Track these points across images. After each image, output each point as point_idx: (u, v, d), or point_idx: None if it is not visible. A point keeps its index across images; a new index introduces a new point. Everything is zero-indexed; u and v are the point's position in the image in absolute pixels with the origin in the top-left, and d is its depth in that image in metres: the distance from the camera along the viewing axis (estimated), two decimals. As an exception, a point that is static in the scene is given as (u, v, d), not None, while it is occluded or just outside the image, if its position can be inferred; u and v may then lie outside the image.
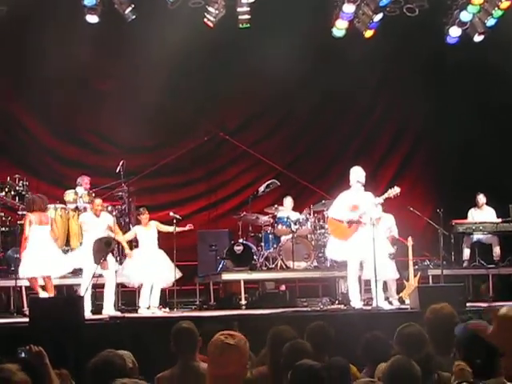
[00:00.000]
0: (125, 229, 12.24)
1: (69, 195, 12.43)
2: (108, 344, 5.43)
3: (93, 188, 12.70)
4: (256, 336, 5.64)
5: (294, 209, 13.25)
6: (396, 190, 10.42)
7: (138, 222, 11.67)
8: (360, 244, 10.36)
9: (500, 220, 13.16)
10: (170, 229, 11.65)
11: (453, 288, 10.12)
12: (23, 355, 4.45)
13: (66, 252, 11.95)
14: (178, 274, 11.52)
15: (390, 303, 11.08)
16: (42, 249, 10.47)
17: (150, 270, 11.17)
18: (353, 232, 10.47)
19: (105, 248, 10.27)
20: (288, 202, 13.26)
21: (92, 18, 12.73)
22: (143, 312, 11.08)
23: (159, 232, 11.56)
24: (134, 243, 11.95)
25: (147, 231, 11.47)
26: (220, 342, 3.80)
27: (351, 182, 10.62)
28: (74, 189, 12.52)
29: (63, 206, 12.31)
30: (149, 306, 11.21)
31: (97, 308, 10.79)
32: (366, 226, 10.35)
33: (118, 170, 12.72)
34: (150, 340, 8.12)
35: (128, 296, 12.22)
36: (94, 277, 10.34)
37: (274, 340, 4.96)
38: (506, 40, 13.64)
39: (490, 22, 13.56)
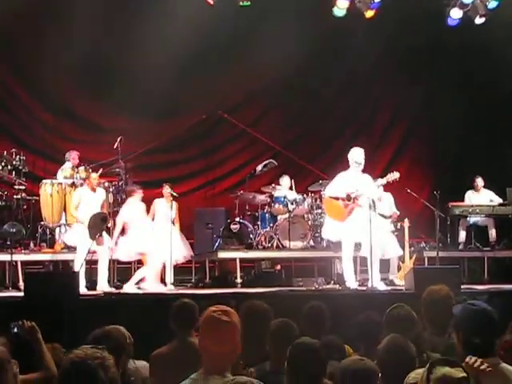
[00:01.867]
0: (121, 205, 12.23)
1: (66, 171, 12.41)
2: (102, 320, 5.44)
3: (89, 163, 12.66)
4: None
5: (292, 188, 13.25)
6: (395, 175, 10.38)
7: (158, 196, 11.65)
8: (356, 225, 10.34)
9: (497, 203, 13.17)
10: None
11: (448, 270, 10.11)
12: (16, 330, 4.47)
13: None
14: (190, 253, 11.60)
15: (392, 282, 11.13)
16: None
17: (163, 247, 11.14)
18: (348, 213, 10.43)
19: (100, 224, 10.24)
20: (285, 181, 13.24)
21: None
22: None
23: None
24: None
25: (167, 207, 11.46)
26: (214, 319, 3.78)
27: (350, 163, 10.60)
28: (63, 164, 12.54)
29: (60, 181, 12.29)
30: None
31: (92, 284, 10.79)
32: (362, 207, 10.33)
33: (115, 146, 12.69)
34: (144, 317, 8.14)
35: (124, 272, 12.22)
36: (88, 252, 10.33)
37: (247, 315, 4.94)
38: (507, 23, 13.59)
39: (492, 4, 13.49)
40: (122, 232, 11.13)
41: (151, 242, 11.06)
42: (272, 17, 13.33)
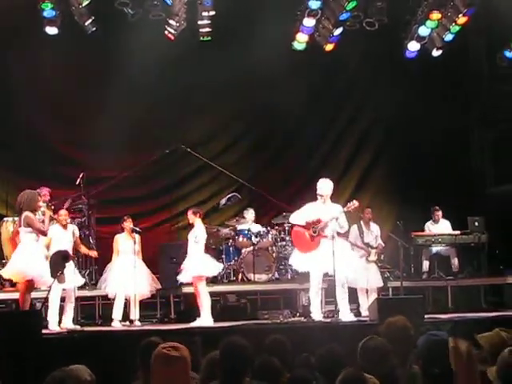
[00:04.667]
0: (84, 241, 12.14)
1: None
2: (66, 359, 5.38)
3: (52, 200, 12.55)
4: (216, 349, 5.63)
5: (256, 221, 13.26)
6: (354, 204, 10.54)
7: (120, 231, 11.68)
8: (324, 256, 10.40)
9: (458, 232, 13.31)
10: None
11: (412, 300, 10.20)
12: None
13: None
14: (157, 286, 11.58)
15: (359, 314, 11.24)
16: None
17: (127, 282, 11.14)
18: (316, 245, 10.51)
19: (61, 262, 10.13)
20: (249, 214, 13.27)
21: (51, 30, 12.67)
22: (116, 325, 10.99)
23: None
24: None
25: (129, 240, 11.44)
26: (164, 354, 3.78)
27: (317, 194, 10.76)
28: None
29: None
30: (126, 320, 11.18)
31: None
32: (328, 238, 10.42)
33: (77, 183, 12.62)
34: (108, 354, 8.07)
35: (88, 310, 12.13)
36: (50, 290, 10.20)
37: (226, 352, 4.90)
38: (463, 54, 13.87)
39: (448, 36, 13.76)
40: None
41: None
42: (233, 49, 13.45)
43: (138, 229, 11.64)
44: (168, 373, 3.72)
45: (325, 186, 10.69)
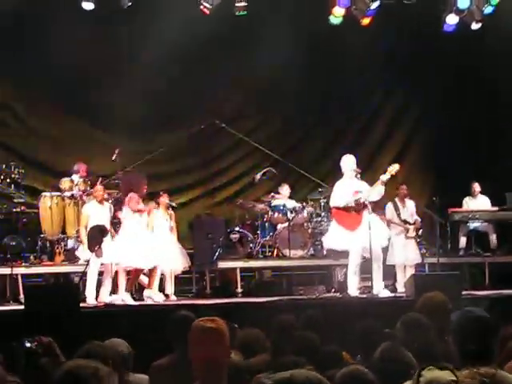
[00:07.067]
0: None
1: (65, 183, 12.38)
2: (104, 332, 5.43)
3: (89, 175, 12.65)
4: (252, 324, 5.67)
5: (291, 197, 13.24)
6: (395, 167, 10.46)
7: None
8: (363, 233, 10.32)
9: (496, 208, 13.17)
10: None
11: (449, 276, 10.14)
12: (28, 345, 4.33)
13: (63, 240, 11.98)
14: (189, 263, 11.67)
15: (395, 290, 11.21)
16: None
17: (162, 257, 11.15)
18: (361, 219, 10.42)
19: (99, 235, 10.21)
20: (285, 189, 13.24)
21: (87, 5, 12.66)
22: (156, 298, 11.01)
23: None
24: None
25: (164, 216, 11.54)
26: (200, 326, 3.79)
27: (343, 171, 10.65)
28: (70, 176, 12.50)
29: (59, 193, 12.26)
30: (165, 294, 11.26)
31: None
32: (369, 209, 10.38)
33: (113, 158, 12.65)
34: (146, 328, 8.13)
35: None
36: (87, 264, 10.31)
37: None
38: (503, 27, 13.62)
39: (488, 9, 13.52)
40: None
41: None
42: (269, 24, 13.36)
43: (174, 204, 11.67)
44: (205, 343, 3.72)
45: (351, 160, 10.66)
